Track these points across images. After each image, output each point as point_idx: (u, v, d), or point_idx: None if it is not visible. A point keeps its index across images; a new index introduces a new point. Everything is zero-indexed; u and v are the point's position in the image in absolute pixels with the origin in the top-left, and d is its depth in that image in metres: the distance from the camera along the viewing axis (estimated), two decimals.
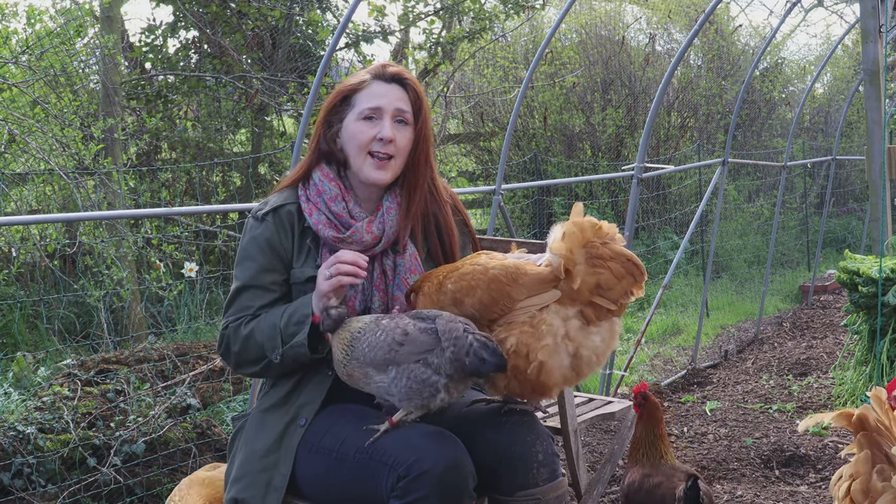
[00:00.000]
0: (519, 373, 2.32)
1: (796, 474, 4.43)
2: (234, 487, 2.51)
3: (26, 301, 5.91)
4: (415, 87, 2.61)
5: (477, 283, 2.37)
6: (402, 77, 2.60)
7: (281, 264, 2.57)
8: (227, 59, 7.63)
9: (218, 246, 6.96)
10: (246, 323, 2.51)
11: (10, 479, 3.70)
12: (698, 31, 5.26)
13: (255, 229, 2.58)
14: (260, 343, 2.47)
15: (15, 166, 6.74)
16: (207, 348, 4.76)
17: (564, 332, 2.32)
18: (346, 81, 2.63)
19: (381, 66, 2.62)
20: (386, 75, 2.59)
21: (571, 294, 2.32)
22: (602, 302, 2.32)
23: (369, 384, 2.36)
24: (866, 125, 5.80)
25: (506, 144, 5.32)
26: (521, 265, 2.39)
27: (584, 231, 2.32)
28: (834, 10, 12.30)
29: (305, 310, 2.45)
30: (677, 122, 12.10)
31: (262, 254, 2.55)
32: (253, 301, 2.53)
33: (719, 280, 10.46)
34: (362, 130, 2.55)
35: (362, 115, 2.56)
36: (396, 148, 2.55)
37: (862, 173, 14.24)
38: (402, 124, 2.58)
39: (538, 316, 2.32)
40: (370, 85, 2.58)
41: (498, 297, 2.35)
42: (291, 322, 2.44)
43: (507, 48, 11.30)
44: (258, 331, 2.48)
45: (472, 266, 2.42)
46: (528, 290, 2.34)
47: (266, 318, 2.49)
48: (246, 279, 2.55)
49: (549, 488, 2.40)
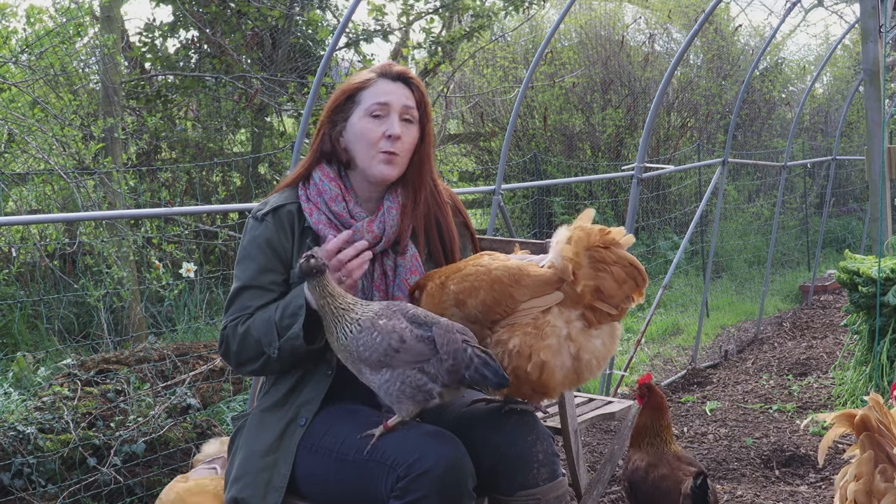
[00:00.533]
0: (521, 373, 2.32)
1: (796, 474, 4.43)
2: (234, 487, 2.51)
3: (26, 301, 5.91)
4: (419, 86, 2.62)
5: (480, 284, 2.37)
6: (408, 76, 2.62)
7: (280, 264, 2.57)
8: (226, 58, 7.63)
9: (218, 246, 6.96)
10: (243, 322, 2.51)
11: (10, 479, 3.70)
12: (698, 30, 5.26)
13: (255, 229, 2.58)
14: (257, 339, 2.47)
15: (15, 166, 6.74)
16: (207, 348, 4.76)
17: (567, 334, 2.32)
18: (351, 80, 2.64)
19: (386, 65, 2.63)
20: (392, 73, 2.60)
21: (574, 297, 2.32)
22: (603, 306, 2.32)
23: (361, 375, 2.36)
24: (866, 125, 5.79)
25: (506, 144, 5.32)
26: (524, 266, 2.38)
27: (590, 235, 2.32)
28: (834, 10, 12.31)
29: (299, 301, 2.43)
30: (677, 122, 12.10)
31: (261, 254, 2.55)
32: (252, 301, 2.53)
33: (719, 280, 10.46)
34: (370, 128, 2.55)
35: (370, 111, 2.56)
36: (402, 145, 2.56)
37: (862, 173, 14.23)
38: (409, 122, 2.58)
39: (541, 318, 2.32)
40: (376, 83, 2.59)
41: (500, 299, 2.35)
42: (286, 314, 2.44)
43: (506, 48, 11.30)
44: (254, 327, 2.48)
45: (474, 267, 2.42)
46: (530, 292, 2.34)
47: (261, 314, 2.49)
48: (246, 279, 2.55)
49: (549, 488, 2.40)
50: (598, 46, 11.65)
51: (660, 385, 6.12)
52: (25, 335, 5.82)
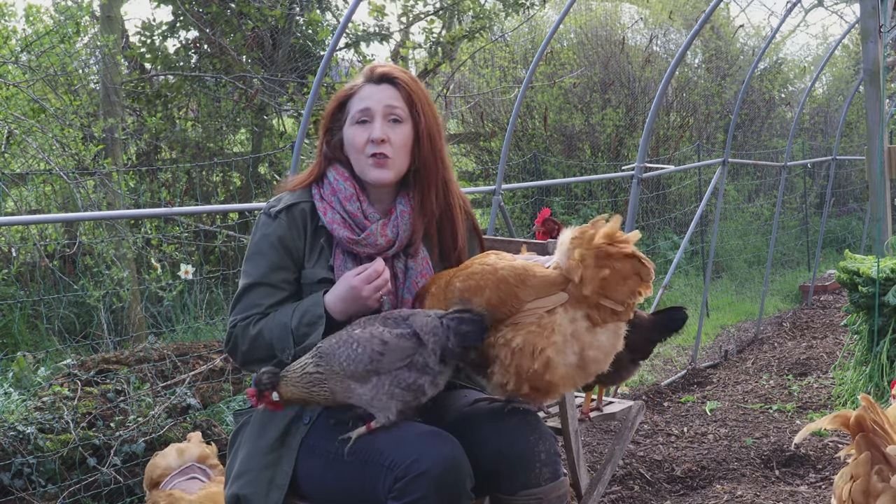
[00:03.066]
0: (524, 371, 2.32)
1: (796, 474, 4.43)
2: (235, 483, 2.51)
3: (26, 301, 5.90)
4: (406, 83, 2.58)
5: (485, 283, 2.37)
6: (391, 76, 2.59)
7: (292, 263, 2.56)
8: (226, 58, 7.63)
9: (218, 246, 6.96)
10: (255, 322, 2.49)
11: (10, 479, 3.70)
12: (698, 31, 5.26)
13: (268, 226, 2.56)
14: (269, 342, 2.46)
15: (15, 166, 6.74)
16: (207, 348, 4.75)
17: (572, 332, 2.32)
18: (342, 88, 2.64)
19: (370, 69, 2.62)
20: (374, 77, 2.59)
21: (579, 296, 2.32)
22: (609, 303, 2.32)
23: (350, 397, 2.35)
24: (866, 125, 5.80)
25: (506, 144, 5.32)
26: (530, 267, 2.38)
27: (595, 235, 2.31)
28: (834, 10, 12.32)
29: (318, 310, 2.43)
30: (676, 122, 12.10)
31: (273, 251, 2.54)
32: (263, 299, 2.52)
33: (719, 280, 10.46)
34: (356, 135, 2.55)
35: (354, 119, 2.56)
36: (392, 146, 2.54)
37: (862, 173, 14.24)
38: (396, 122, 2.56)
39: (546, 317, 2.32)
40: (361, 89, 2.58)
41: (506, 298, 2.35)
42: (303, 322, 2.43)
43: (506, 48, 11.30)
44: (267, 330, 2.47)
45: (481, 266, 2.42)
46: (536, 292, 2.34)
47: (275, 317, 2.48)
48: (256, 276, 2.53)
49: (550, 488, 2.40)
50: (597, 46, 11.65)
51: (660, 385, 6.12)
52: (25, 335, 5.82)
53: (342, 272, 2.52)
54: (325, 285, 2.52)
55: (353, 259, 2.55)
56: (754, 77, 12.27)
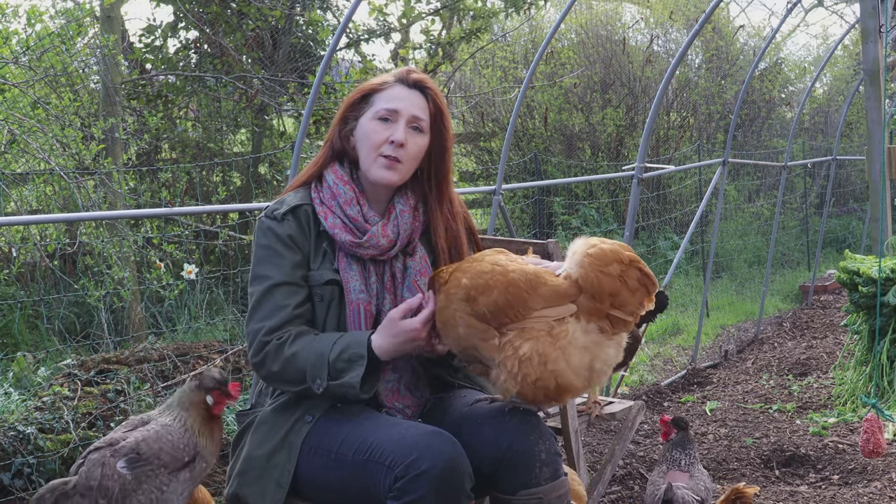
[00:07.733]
0: (530, 379, 2.30)
1: (796, 474, 4.43)
2: (235, 482, 2.51)
3: (26, 301, 5.90)
4: (436, 97, 2.61)
5: (494, 284, 2.34)
6: (425, 85, 2.61)
7: (305, 261, 2.56)
8: (227, 58, 7.63)
9: (218, 246, 6.96)
10: (290, 343, 2.45)
11: (10, 479, 3.71)
12: (698, 31, 5.26)
13: (278, 228, 2.55)
14: (302, 369, 2.43)
15: (15, 166, 6.74)
16: (208, 348, 4.76)
17: (583, 343, 2.30)
18: (370, 81, 2.65)
19: (405, 71, 2.63)
20: (409, 80, 2.60)
21: (590, 308, 2.30)
22: (619, 314, 2.31)
23: None
24: (866, 125, 5.80)
25: (506, 144, 5.32)
26: (542, 274, 2.35)
27: (608, 252, 2.31)
28: (834, 10, 12.28)
29: (360, 349, 2.41)
30: (677, 122, 12.11)
31: (289, 250, 2.54)
32: (287, 299, 2.50)
33: (719, 280, 10.46)
34: (376, 130, 2.55)
35: (378, 114, 2.56)
36: (407, 153, 2.55)
37: (862, 173, 14.24)
38: (417, 131, 2.58)
39: (557, 326, 2.29)
40: (392, 87, 2.59)
41: (513, 302, 2.32)
42: (342, 358, 2.41)
43: (506, 48, 11.30)
44: (302, 356, 2.43)
45: (491, 265, 2.38)
46: (545, 301, 2.31)
47: (313, 345, 2.44)
48: (279, 276, 2.51)
49: (551, 488, 2.40)
50: (598, 46, 11.66)
51: (660, 385, 6.13)
52: (25, 335, 5.82)
53: (347, 275, 2.54)
54: (332, 286, 2.53)
55: (356, 262, 2.57)
56: (754, 77, 12.26)
